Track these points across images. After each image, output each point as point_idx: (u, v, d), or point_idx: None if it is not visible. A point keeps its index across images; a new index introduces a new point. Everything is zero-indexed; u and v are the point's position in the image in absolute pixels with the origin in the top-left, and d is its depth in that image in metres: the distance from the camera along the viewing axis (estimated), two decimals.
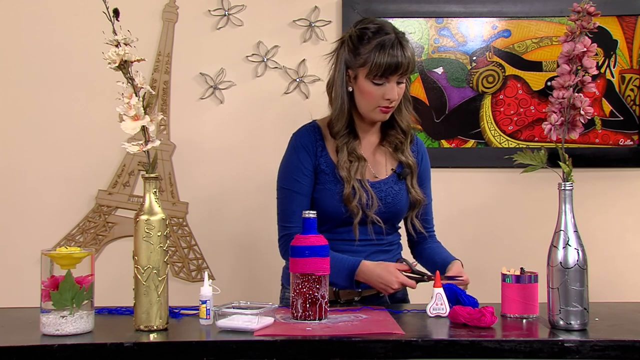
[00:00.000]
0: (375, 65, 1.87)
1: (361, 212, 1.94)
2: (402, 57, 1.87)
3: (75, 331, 1.55)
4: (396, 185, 2.00)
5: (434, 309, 1.72)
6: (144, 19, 2.65)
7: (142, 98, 1.67)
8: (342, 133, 1.97)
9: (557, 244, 1.62)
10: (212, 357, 1.47)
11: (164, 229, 1.63)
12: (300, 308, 1.66)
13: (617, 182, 2.72)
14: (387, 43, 1.88)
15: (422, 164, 2.08)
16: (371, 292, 1.96)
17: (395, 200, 1.99)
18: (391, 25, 1.95)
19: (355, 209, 1.93)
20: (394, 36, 1.89)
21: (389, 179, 2.01)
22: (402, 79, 1.91)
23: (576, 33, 1.66)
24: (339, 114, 1.96)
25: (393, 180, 2.01)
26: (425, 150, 2.12)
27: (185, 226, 2.70)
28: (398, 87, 1.91)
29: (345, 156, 1.95)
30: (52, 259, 1.58)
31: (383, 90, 1.90)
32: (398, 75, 1.89)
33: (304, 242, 1.68)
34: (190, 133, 2.67)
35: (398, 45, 1.88)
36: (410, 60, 1.89)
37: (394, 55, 1.87)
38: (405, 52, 1.88)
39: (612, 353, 1.48)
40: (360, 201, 1.93)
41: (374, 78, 1.89)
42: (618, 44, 2.69)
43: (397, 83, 1.91)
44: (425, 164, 2.10)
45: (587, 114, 1.66)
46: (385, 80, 1.89)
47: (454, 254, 2.67)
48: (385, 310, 1.79)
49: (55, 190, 2.68)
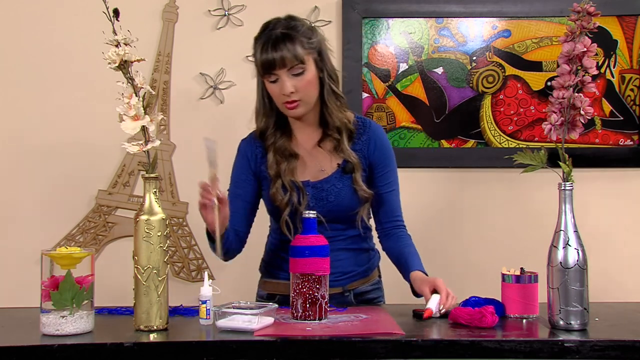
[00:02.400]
0: (257, 63, 1.88)
1: (289, 209, 1.91)
2: (275, 53, 1.83)
3: (75, 331, 1.55)
4: (340, 182, 1.93)
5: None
6: (144, 19, 2.65)
7: (142, 98, 1.67)
8: (269, 132, 1.96)
9: (557, 244, 1.62)
10: (212, 357, 1.47)
11: (164, 229, 1.63)
12: (300, 308, 1.66)
13: (617, 182, 2.72)
14: (265, 40, 1.86)
15: (375, 152, 1.98)
16: (335, 291, 1.90)
17: (338, 198, 1.92)
18: (282, 20, 1.90)
19: (282, 206, 1.92)
20: (274, 32, 1.85)
21: (333, 176, 1.94)
22: (293, 71, 1.85)
23: (576, 33, 1.67)
24: (257, 114, 1.97)
25: (337, 177, 1.94)
26: (382, 136, 2.01)
27: (185, 226, 2.70)
28: (296, 78, 1.85)
29: (272, 156, 1.94)
30: (52, 259, 1.58)
31: (279, 86, 1.86)
32: (285, 70, 1.84)
33: (304, 242, 1.68)
34: (190, 133, 2.67)
35: (274, 41, 1.84)
36: (289, 54, 1.83)
37: (268, 52, 1.84)
38: (281, 47, 1.83)
39: (612, 353, 1.48)
40: (290, 199, 1.91)
41: (263, 76, 1.89)
42: (618, 44, 2.69)
43: (294, 75, 1.85)
44: (382, 151, 1.99)
45: (587, 114, 1.67)
46: (275, 76, 1.86)
47: (454, 254, 2.70)
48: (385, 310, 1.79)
49: (55, 190, 2.68)
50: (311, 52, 1.88)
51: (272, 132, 1.97)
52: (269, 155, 1.95)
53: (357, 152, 1.96)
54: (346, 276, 1.96)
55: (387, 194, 1.99)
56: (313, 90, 1.90)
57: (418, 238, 2.65)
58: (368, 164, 1.97)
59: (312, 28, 1.94)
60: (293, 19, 1.91)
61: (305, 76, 1.86)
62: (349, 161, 1.93)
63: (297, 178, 1.94)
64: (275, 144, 1.96)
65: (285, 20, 1.90)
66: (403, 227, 2.03)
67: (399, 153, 2.67)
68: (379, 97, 2.69)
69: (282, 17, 1.92)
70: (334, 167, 1.95)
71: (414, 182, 2.70)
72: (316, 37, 1.91)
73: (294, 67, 1.84)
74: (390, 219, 2.01)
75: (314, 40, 1.89)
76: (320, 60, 1.91)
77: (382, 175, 1.98)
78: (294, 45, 1.84)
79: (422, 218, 2.69)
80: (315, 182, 1.94)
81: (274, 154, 1.95)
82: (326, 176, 1.94)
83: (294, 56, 1.83)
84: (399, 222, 2.02)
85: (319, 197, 1.92)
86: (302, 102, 1.88)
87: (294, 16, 1.93)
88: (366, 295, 2.01)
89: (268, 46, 1.85)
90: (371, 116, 2.68)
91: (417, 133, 2.70)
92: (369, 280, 2.03)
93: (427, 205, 2.70)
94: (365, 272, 2.02)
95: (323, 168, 1.95)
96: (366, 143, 1.97)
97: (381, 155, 1.99)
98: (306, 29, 1.89)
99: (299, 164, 1.96)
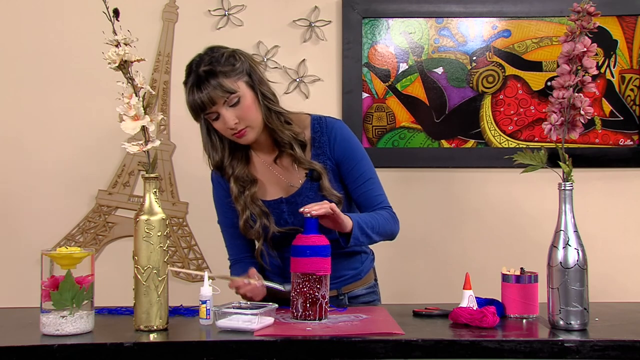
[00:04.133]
0: (189, 108, 1.85)
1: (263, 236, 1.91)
2: (202, 94, 1.79)
3: (75, 331, 1.55)
4: (311, 192, 1.90)
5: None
6: (144, 19, 2.65)
7: (142, 98, 1.67)
8: (226, 164, 1.93)
9: (557, 244, 1.62)
10: (212, 357, 1.47)
11: (164, 229, 1.63)
12: (301, 308, 1.66)
13: (617, 182, 2.72)
14: (191, 83, 1.82)
15: (337, 148, 1.92)
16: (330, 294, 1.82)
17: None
18: (202, 56, 1.85)
19: (256, 235, 1.92)
20: (196, 73, 1.81)
21: (304, 187, 1.91)
22: (229, 103, 1.80)
23: (576, 33, 1.66)
24: (206, 151, 1.94)
25: (308, 187, 1.91)
26: (341, 131, 1.94)
27: (185, 226, 2.70)
28: (234, 109, 1.81)
29: (235, 188, 1.91)
30: (52, 259, 1.58)
31: (222, 122, 1.82)
32: (221, 104, 1.80)
33: (305, 241, 1.68)
34: (190, 133, 2.66)
35: (198, 81, 1.80)
36: (216, 91, 1.78)
37: (195, 95, 1.80)
38: (206, 86, 1.79)
39: (612, 353, 1.48)
40: (263, 225, 1.90)
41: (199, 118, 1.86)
42: (618, 44, 2.69)
43: (231, 107, 1.81)
44: (343, 146, 1.93)
45: (587, 114, 1.66)
46: (214, 114, 1.82)
47: (454, 253, 2.70)
48: (385, 310, 1.79)
49: (55, 190, 2.68)
50: (239, 77, 1.82)
51: (228, 162, 1.93)
52: (231, 185, 1.92)
53: (320, 155, 1.92)
54: (339, 280, 1.95)
55: (363, 185, 1.93)
56: (255, 113, 1.84)
57: (418, 238, 2.67)
58: (335, 163, 1.93)
59: (234, 53, 1.86)
60: (213, 50, 1.85)
61: (242, 103, 1.82)
62: (314, 169, 1.90)
63: (267, 199, 1.92)
64: (234, 172, 1.92)
65: (205, 54, 1.84)
66: (387, 207, 1.95)
67: (399, 153, 2.69)
68: (379, 97, 2.69)
69: (201, 52, 1.86)
70: (302, 178, 1.92)
71: (414, 182, 2.70)
72: (240, 61, 1.84)
73: (228, 99, 1.80)
74: (372, 206, 1.93)
75: (238, 64, 1.83)
76: (252, 81, 1.85)
77: (352, 169, 1.93)
78: (218, 79, 1.79)
79: (422, 218, 2.69)
80: (289, 197, 1.92)
81: (235, 183, 1.92)
82: (297, 189, 1.91)
83: (222, 90, 1.79)
84: (381, 203, 1.94)
85: (295, 212, 1.87)
86: (250, 128, 1.84)
87: (214, 47, 1.87)
88: (361, 299, 2.01)
89: (194, 88, 1.80)
90: (371, 116, 2.68)
91: (417, 133, 2.70)
92: (364, 283, 2.02)
93: (427, 205, 2.70)
94: (358, 275, 2.01)
95: (291, 183, 1.93)
96: (327, 143, 1.92)
97: (344, 150, 1.93)
98: (227, 57, 1.83)
99: (267, 184, 1.94)
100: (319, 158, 1.92)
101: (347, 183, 1.94)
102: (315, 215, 1.69)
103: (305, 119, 1.95)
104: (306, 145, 1.92)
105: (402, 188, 2.67)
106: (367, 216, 1.86)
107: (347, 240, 1.80)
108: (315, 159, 1.92)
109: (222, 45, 1.89)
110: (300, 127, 1.92)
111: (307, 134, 1.93)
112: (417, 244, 2.67)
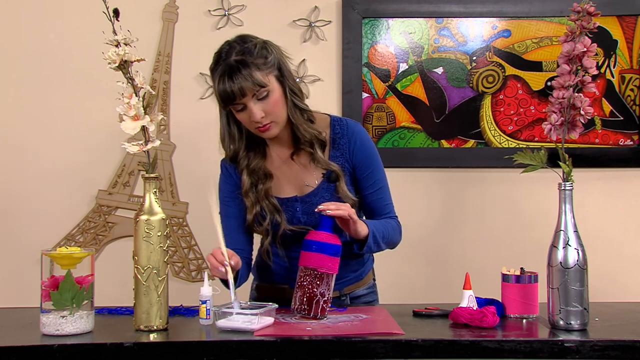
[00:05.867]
0: (217, 97, 1.80)
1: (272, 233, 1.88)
2: (233, 84, 1.74)
3: (75, 331, 1.55)
4: (327, 193, 1.88)
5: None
6: (144, 19, 2.65)
7: (142, 98, 1.67)
8: (241, 156, 1.90)
9: (557, 244, 1.62)
10: (212, 357, 1.47)
11: (164, 229, 1.63)
12: (298, 301, 1.66)
13: (617, 182, 2.72)
14: (221, 72, 1.77)
15: (357, 153, 1.91)
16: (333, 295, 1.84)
17: None
18: (234, 44, 1.80)
19: (264, 232, 1.89)
20: (228, 62, 1.76)
21: (321, 187, 1.89)
22: (258, 96, 1.77)
23: (576, 33, 1.67)
24: (223, 142, 1.92)
25: (324, 188, 1.88)
26: (362, 134, 1.94)
27: (185, 226, 2.70)
28: (262, 102, 1.78)
29: (247, 181, 1.89)
30: (52, 259, 1.58)
31: (247, 114, 1.79)
32: (249, 97, 1.76)
33: (314, 237, 1.68)
34: (190, 133, 2.67)
35: (230, 71, 1.75)
36: (248, 83, 1.74)
37: (226, 84, 1.75)
38: (238, 77, 1.74)
39: (612, 353, 1.48)
40: (274, 221, 1.87)
41: (226, 108, 1.83)
42: (618, 44, 2.69)
43: (259, 100, 1.78)
44: (363, 152, 1.92)
45: (587, 114, 1.67)
46: (241, 105, 1.78)
47: (454, 254, 2.70)
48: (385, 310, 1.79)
49: (55, 190, 2.68)
50: (271, 71, 1.79)
51: (244, 154, 1.91)
52: (243, 178, 1.90)
53: (339, 157, 1.91)
54: (340, 282, 1.94)
55: (375, 192, 1.93)
56: (282, 108, 1.82)
57: (418, 238, 2.67)
58: (352, 166, 1.92)
59: (266, 44, 1.83)
60: (244, 40, 1.81)
61: (271, 98, 1.79)
62: (332, 170, 1.88)
63: (281, 196, 1.90)
64: (249, 165, 1.90)
65: (237, 43, 1.80)
66: (395, 217, 1.97)
67: (399, 153, 2.69)
68: (379, 97, 2.69)
69: (232, 39, 1.82)
70: (318, 178, 1.90)
71: (414, 182, 2.70)
72: (272, 54, 1.81)
73: (257, 92, 1.77)
74: (380, 214, 1.94)
75: (270, 57, 1.80)
76: (281, 75, 1.82)
77: (367, 176, 1.93)
78: (251, 71, 1.75)
79: (422, 218, 2.69)
80: (303, 196, 1.90)
81: (248, 176, 1.89)
82: (313, 188, 1.89)
83: (253, 83, 1.75)
84: (389, 213, 1.96)
85: (309, 212, 1.87)
86: (274, 123, 1.82)
87: (245, 37, 1.83)
88: (362, 299, 2.01)
89: (225, 78, 1.75)
90: (371, 116, 2.68)
91: (417, 133, 2.70)
92: (364, 283, 2.03)
93: (427, 205, 2.70)
94: (360, 276, 2.01)
95: (307, 182, 1.90)
96: (347, 145, 1.91)
97: (363, 155, 1.92)
98: (260, 49, 1.79)
99: (283, 181, 1.92)
100: (338, 160, 1.90)
101: (360, 188, 1.94)
102: (330, 215, 1.69)
103: (325, 119, 1.95)
104: (326, 145, 1.91)
105: (402, 188, 2.66)
106: (380, 225, 1.86)
107: (360, 246, 1.80)
108: (334, 160, 1.90)
109: (252, 35, 1.86)
110: (320, 127, 1.92)
111: (327, 133, 1.92)
112: (417, 244, 2.67)
